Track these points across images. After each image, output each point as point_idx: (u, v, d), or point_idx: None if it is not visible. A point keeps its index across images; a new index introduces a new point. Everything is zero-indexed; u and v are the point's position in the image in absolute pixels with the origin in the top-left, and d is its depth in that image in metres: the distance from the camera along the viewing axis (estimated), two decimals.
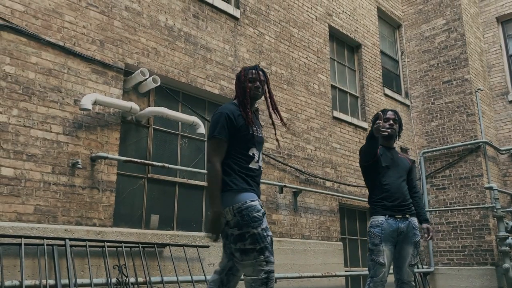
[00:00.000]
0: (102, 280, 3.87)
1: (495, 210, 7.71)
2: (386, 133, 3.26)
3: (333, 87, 7.77)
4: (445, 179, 8.75)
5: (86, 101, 4.05)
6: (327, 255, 6.40)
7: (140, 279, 4.10)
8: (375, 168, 3.46)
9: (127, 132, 4.77)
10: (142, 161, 4.52)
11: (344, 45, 8.36)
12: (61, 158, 4.01)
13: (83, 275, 3.84)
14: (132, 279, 4.03)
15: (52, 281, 3.57)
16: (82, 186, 4.11)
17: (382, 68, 9.05)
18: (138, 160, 4.49)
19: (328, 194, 6.71)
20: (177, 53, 5.23)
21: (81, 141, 4.18)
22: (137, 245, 4.23)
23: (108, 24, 4.62)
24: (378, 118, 3.14)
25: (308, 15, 7.37)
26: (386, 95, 8.87)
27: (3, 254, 3.44)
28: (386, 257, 3.26)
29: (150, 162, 4.60)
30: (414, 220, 3.45)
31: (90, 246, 3.89)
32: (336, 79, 7.96)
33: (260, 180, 2.77)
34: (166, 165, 4.66)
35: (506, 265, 7.39)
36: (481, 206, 8.09)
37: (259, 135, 2.70)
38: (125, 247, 4.13)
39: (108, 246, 4.01)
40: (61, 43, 4.20)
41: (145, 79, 4.68)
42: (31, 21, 4.03)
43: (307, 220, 6.34)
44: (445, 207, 8.57)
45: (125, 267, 4.03)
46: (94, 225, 4.12)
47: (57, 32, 4.20)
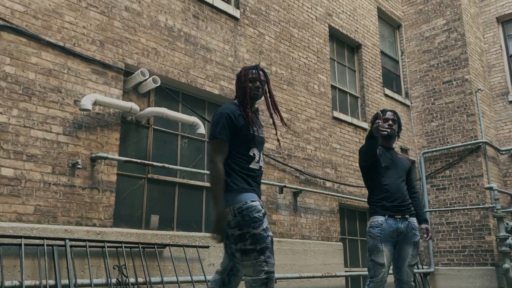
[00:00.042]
0: (102, 281, 3.87)
1: (495, 211, 7.71)
2: (386, 133, 3.26)
3: (333, 87, 7.77)
4: (445, 179, 8.75)
5: (86, 102, 4.05)
6: (327, 256, 6.40)
7: (140, 280, 4.10)
8: (375, 168, 3.46)
9: (127, 133, 4.77)
10: (142, 162, 4.53)
11: (344, 45, 8.36)
12: (61, 159, 4.02)
13: (83, 276, 3.84)
14: (132, 280, 4.04)
15: (52, 281, 3.57)
16: (82, 187, 4.11)
17: (382, 68, 9.05)
18: (138, 161, 4.50)
19: (328, 195, 6.71)
20: (177, 54, 5.23)
21: (81, 142, 4.18)
22: (137, 246, 4.23)
23: (108, 25, 4.62)
24: (378, 118, 3.14)
25: (308, 15, 7.37)
26: (386, 95, 8.87)
27: (3, 255, 3.44)
28: (386, 258, 3.26)
29: (150, 163, 4.61)
30: (414, 221, 3.45)
31: (90, 247, 3.90)
32: (336, 79, 7.96)
33: (261, 180, 2.77)
34: (166, 166, 4.66)
35: (506, 266, 7.39)
36: (481, 207, 8.09)
37: (260, 135, 2.70)
38: (125, 248, 4.13)
39: (108, 247, 4.01)
40: (61, 44, 4.20)
41: (145, 80, 4.68)
42: (31, 22, 4.03)
43: (307, 221, 6.34)
44: (445, 208, 8.57)
45: (125, 268, 4.03)
46: (94, 226, 4.12)
47: (57, 33, 4.20)
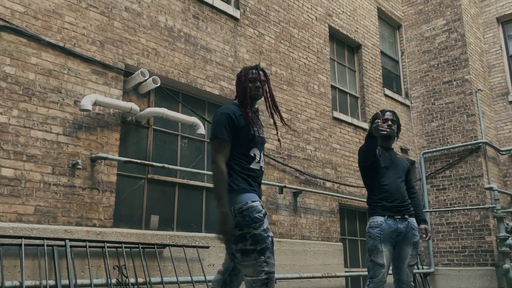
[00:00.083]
0: (102, 281, 3.88)
1: (495, 211, 7.70)
2: (385, 132, 3.27)
3: (333, 88, 7.77)
4: (445, 180, 8.75)
5: (86, 102, 4.05)
6: (327, 256, 6.40)
7: (140, 280, 4.10)
8: (374, 169, 3.46)
9: (127, 133, 4.78)
10: (142, 162, 4.53)
11: (344, 46, 8.37)
12: (61, 159, 4.02)
13: (83, 276, 3.85)
14: (132, 280, 4.04)
15: (52, 282, 3.57)
16: (82, 187, 4.11)
17: (382, 69, 9.05)
18: (138, 161, 4.50)
19: (328, 195, 6.71)
20: (177, 54, 5.23)
21: (81, 142, 4.19)
22: (137, 246, 4.23)
23: (108, 25, 4.63)
24: (377, 118, 3.14)
25: (308, 16, 7.37)
26: (386, 96, 8.87)
27: (4, 255, 3.44)
28: (385, 258, 3.26)
29: (150, 163, 4.61)
30: (413, 221, 3.45)
31: (90, 247, 3.90)
32: (336, 80, 7.96)
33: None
34: (166, 166, 4.66)
35: (506, 266, 7.39)
36: (481, 207, 8.09)
37: (261, 136, 2.70)
38: (125, 248, 4.13)
39: (108, 247, 4.01)
40: (61, 44, 4.21)
41: (145, 80, 4.69)
42: (31, 22, 4.04)
43: (307, 221, 6.34)
44: (445, 208, 8.57)
45: (125, 268, 4.03)
46: (94, 226, 4.12)
47: (57, 33, 4.20)
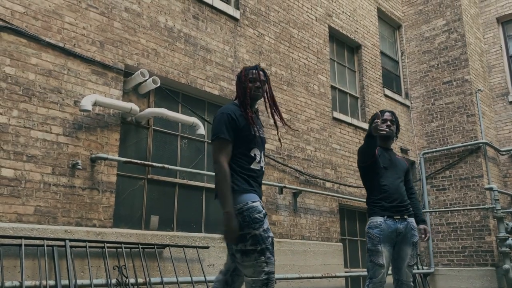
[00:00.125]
0: (102, 281, 3.88)
1: (495, 211, 7.70)
2: (384, 132, 3.27)
3: (333, 88, 7.77)
4: (445, 180, 8.74)
5: (86, 102, 4.06)
6: (327, 256, 6.40)
7: (140, 280, 4.10)
8: (374, 169, 3.46)
9: (127, 133, 4.78)
10: (142, 162, 4.53)
11: (344, 46, 8.37)
12: (61, 159, 4.02)
13: (83, 276, 3.85)
14: (132, 280, 4.04)
15: (52, 282, 3.57)
16: (82, 187, 4.12)
17: (382, 69, 9.05)
18: (138, 161, 4.50)
19: (328, 195, 6.71)
20: (177, 54, 5.24)
21: (81, 142, 4.19)
22: (137, 246, 4.23)
23: (108, 25, 4.63)
24: (376, 118, 3.15)
25: (308, 16, 7.38)
26: (386, 96, 8.87)
27: (4, 255, 3.45)
28: (385, 258, 3.26)
29: (150, 163, 4.61)
30: (412, 221, 3.45)
31: (90, 247, 3.90)
32: (336, 80, 7.96)
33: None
34: (166, 166, 4.66)
35: (506, 266, 7.38)
36: (481, 207, 8.09)
37: (261, 136, 2.69)
38: (125, 248, 4.14)
39: (108, 247, 4.02)
40: (61, 44, 4.21)
41: (145, 80, 4.69)
42: (31, 22, 4.04)
43: (307, 221, 6.35)
44: (445, 208, 8.57)
45: (125, 268, 4.04)
46: (94, 226, 4.12)
47: (57, 33, 4.21)
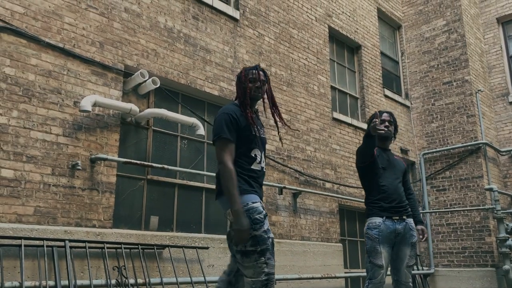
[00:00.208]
0: (102, 282, 3.88)
1: (495, 212, 7.69)
2: (383, 132, 3.27)
3: (333, 88, 7.77)
4: (445, 181, 8.74)
5: (86, 103, 4.06)
6: (327, 257, 6.40)
7: (140, 281, 4.10)
8: (372, 169, 3.46)
9: (127, 134, 4.78)
10: (142, 163, 4.53)
11: (344, 46, 8.37)
12: (61, 160, 4.03)
13: (83, 276, 3.85)
14: (132, 281, 4.04)
15: (52, 282, 3.57)
16: (82, 188, 4.12)
17: (382, 69, 9.05)
18: (138, 162, 4.51)
19: (328, 196, 6.71)
20: (177, 55, 5.24)
21: (81, 143, 4.19)
22: (137, 247, 4.24)
23: (108, 26, 4.63)
24: (375, 118, 3.15)
25: (308, 16, 7.38)
26: (386, 96, 8.87)
27: (3, 255, 3.45)
28: (384, 259, 3.27)
29: (150, 164, 4.61)
30: (411, 222, 3.45)
31: (90, 248, 3.90)
32: (336, 80, 7.96)
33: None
34: (166, 167, 4.66)
35: (506, 267, 7.38)
36: (481, 208, 8.08)
37: (262, 136, 2.69)
38: (125, 249, 4.14)
39: (108, 248, 4.02)
40: (61, 45, 4.21)
41: (145, 81, 4.69)
42: (31, 23, 4.04)
43: (307, 222, 6.35)
44: (445, 209, 8.57)
45: (125, 269, 4.04)
46: (94, 227, 4.12)
47: (57, 34, 4.21)
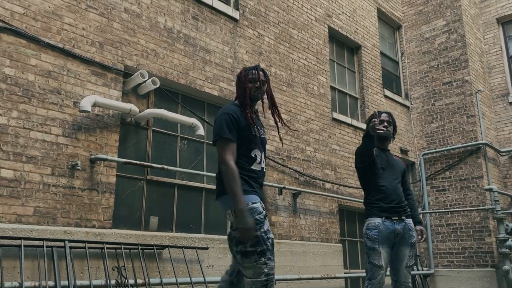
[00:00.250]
0: (102, 282, 3.88)
1: (495, 212, 7.68)
2: (382, 131, 3.27)
3: (333, 89, 7.77)
4: (445, 181, 8.74)
5: (86, 103, 4.06)
6: (327, 257, 6.40)
7: (139, 281, 4.10)
8: (371, 170, 3.46)
9: (127, 134, 4.78)
10: (141, 163, 4.54)
11: (344, 47, 8.37)
12: (61, 160, 4.03)
13: (83, 277, 3.85)
14: (131, 281, 4.04)
15: (52, 283, 3.57)
16: (82, 188, 4.12)
17: (382, 69, 9.05)
18: (137, 162, 4.51)
19: (328, 196, 6.71)
20: (177, 55, 5.24)
21: (81, 143, 4.19)
22: (136, 247, 4.23)
23: (108, 26, 4.63)
24: (374, 117, 3.15)
25: (308, 17, 7.38)
26: (386, 97, 8.87)
27: (3, 256, 3.45)
28: (384, 259, 3.27)
29: (149, 164, 4.62)
30: (410, 222, 3.45)
31: (90, 248, 3.90)
32: (336, 81, 7.96)
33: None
34: (165, 167, 4.66)
35: (506, 267, 7.37)
36: (481, 208, 8.08)
37: (262, 136, 2.69)
38: (124, 249, 4.13)
39: (107, 248, 4.02)
40: (61, 45, 4.21)
41: (145, 81, 4.69)
42: (31, 23, 4.04)
43: (307, 222, 6.34)
44: (445, 209, 8.57)
45: (124, 269, 4.03)
46: (94, 227, 4.12)
47: (57, 34, 4.21)
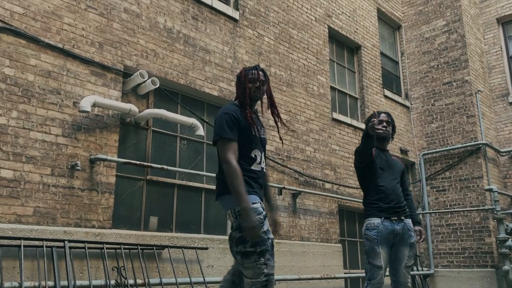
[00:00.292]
0: (101, 282, 3.88)
1: (495, 212, 7.68)
2: (381, 131, 3.28)
3: (333, 89, 7.77)
4: (445, 181, 8.74)
5: (85, 103, 4.06)
6: (326, 257, 6.40)
7: (139, 281, 4.10)
8: (371, 170, 3.46)
9: (126, 134, 4.78)
10: (141, 163, 4.54)
11: (344, 47, 8.37)
12: (60, 160, 4.03)
13: (82, 277, 3.85)
14: (131, 281, 4.04)
15: (51, 283, 3.57)
16: (81, 188, 4.12)
17: (382, 70, 9.05)
18: (137, 162, 4.51)
19: (327, 196, 6.71)
20: (176, 55, 5.24)
21: (80, 143, 4.19)
22: (136, 247, 4.23)
23: (107, 26, 4.63)
24: (373, 117, 3.15)
25: (308, 17, 7.38)
26: (386, 97, 8.87)
27: (3, 256, 3.45)
28: (383, 260, 3.27)
29: (149, 164, 4.62)
30: (409, 222, 3.46)
31: (89, 248, 3.90)
32: (336, 81, 7.96)
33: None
34: (165, 167, 4.66)
35: (506, 267, 7.37)
36: (481, 208, 8.07)
37: (262, 136, 2.68)
38: (124, 249, 4.13)
39: (107, 248, 4.02)
40: (60, 45, 4.21)
41: (144, 81, 4.69)
42: (31, 24, 4.04)
43: (306, 222, 6.34)
44: (445, 209, 8.56)
45: (124, 269, 4.03)
46: (93, 227, 4.12)
47: (56, 34, 4.21)
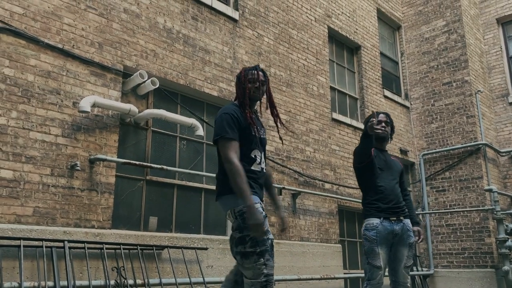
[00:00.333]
0: (101, 282, 3.88)
1: (495, 212, 7.68)
2: (380, 131, 3.28)
3: (332, 89, 7.77)
4: (445, 181, 8.74)
5: (85, 103, 4.06)
6: (326, 257, 6.40)
7: (139, 281, 4.10)
8: (370, 170, 3.46)
9: (126, 134, 4.78)
10: (141, 163, 4.54)
11: (344, 47, 8.37)
12: (60, 160, 4.03)
13: (82, 277, 3.85)
14: (131, 281, 4.04)
15: (51, 283, 3.57)
16: (81, 188, 4.12)
17: (382, 70, 9.05)
18: (137, 162, 4.51)
19: (327, 196, 6.71)
20: (176, 55, 5.24)
21: (80, 143, 4.19)
22: (136, 247, 4.24)
23: (107, 27, 4.63)
24: (372, 117, 3.16)
25: (307, 17, 7.38)
26: (386, 97, 8.87)
27: (2, 256, 3.45)
28: (382, 260, 3.27)
29: (149, 164, 4.62)
30: (408, 222, 3.45)
31: (89, 248, 3.90)
32: (336, 81, 7.96)
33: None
34: (165, 167, 4.67)
35: (506, 268, 7.37)
36: (481, 208, 8.07)
37: (262, 137, 2.68)
38: (124, 249, 4.14)
39: (107, 248, 4.02)
40: (60, 46, 4.21)
41: (144, 81, 4.69)
42: (30, 24, 4.05)
43: (306, 222, 6.34)
44: (445, 209, 8.56)
45: (124, 269, 4.04)
46: (93, 227, 4.13)
47: (56, 35, 4.21)
